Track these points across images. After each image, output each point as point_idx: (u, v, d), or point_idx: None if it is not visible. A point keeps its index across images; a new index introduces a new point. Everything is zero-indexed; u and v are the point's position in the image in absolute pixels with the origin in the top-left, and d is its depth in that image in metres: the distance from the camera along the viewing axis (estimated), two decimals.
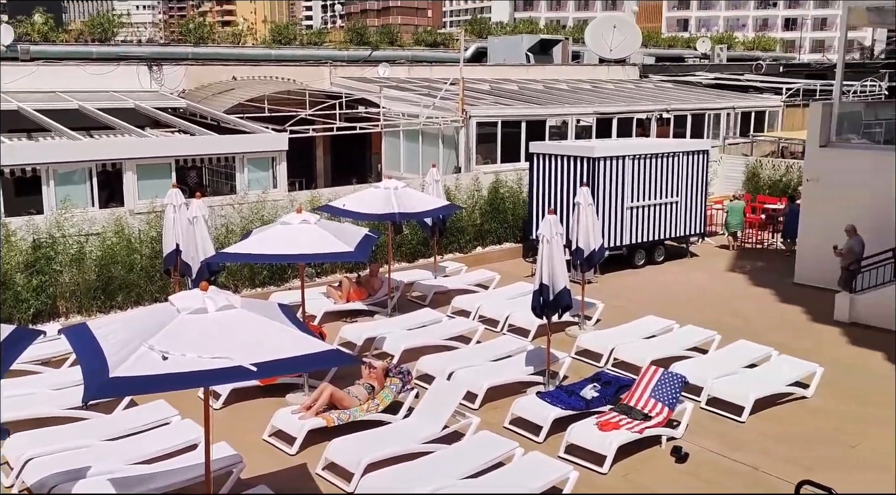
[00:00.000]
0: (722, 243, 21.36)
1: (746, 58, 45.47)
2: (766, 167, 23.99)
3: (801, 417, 10.84)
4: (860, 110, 18.47)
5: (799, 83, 33.02)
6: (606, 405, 10.57)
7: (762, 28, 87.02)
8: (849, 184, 16.30)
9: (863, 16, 17.88)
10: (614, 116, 24.92)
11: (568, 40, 37.15)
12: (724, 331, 13.41)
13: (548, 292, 11.20)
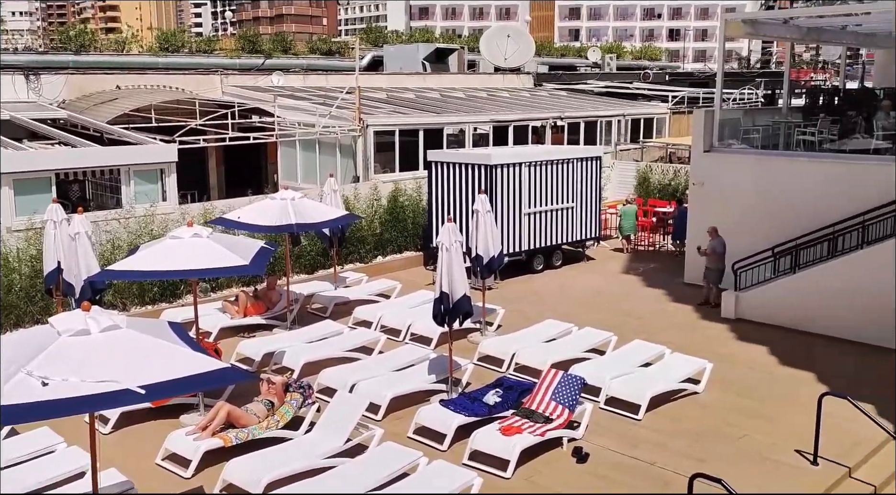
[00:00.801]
0: (616, 246, 22.01)
1: (634, 67, 47.23)
2: (656, 172, 24.90)
3: (692, 412, 11.24)
4: (739, 117, 19.41)
5: (684, 91, 34.56)
6: (509, 410, 10.66)
7: (648, 38, 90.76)
8: (731, 186, 17.11)
9: (739, 28, 18.83)
10: (510, 124, 25.33)
11: (464, 49, 37.62)
12: (620, 332, 13.79)
13: (448, 300, 11.22)
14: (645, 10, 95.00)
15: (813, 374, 12.52)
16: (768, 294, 15.26)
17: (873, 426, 9.96)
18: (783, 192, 16.20)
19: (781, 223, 15.65)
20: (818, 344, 14.02)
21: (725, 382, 12.13)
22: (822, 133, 17.99)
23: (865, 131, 17.30)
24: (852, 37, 22.42)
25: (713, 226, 16.32)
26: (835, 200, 15.05)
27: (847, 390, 10.58)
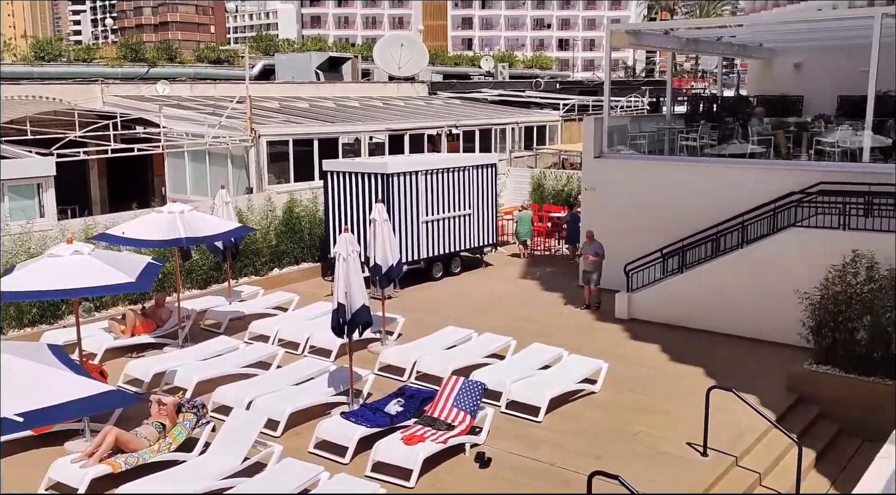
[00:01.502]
0: (514, 252, 22.35)
1: (527, 75, 48.31)
2: (550, 178, 25.48)
3: (590, 412, 11.51)
4: (627, 124, 20.10)
5: (574, 99, 35.55)
6: (411, 419, 10.61)
7: (539, 48, 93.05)
8: (621, 191, 17.68)
9: (623, 38, 19.52)
10: (406, 132, 25.37)
11: (357, 58, 37.46)
12: (519, 336, 13.98)
13: (346, 310, 11.08)
14: (535, 21, 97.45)
15: (701, 369, 13.05)
16: (658, 294, 15.83)
17: (757, 416, 10.46)
18: (670, 195, 16.87)
19: (669, 225, 16.27)
20: (706, 340, 14.63)
21: (620, 381, 12.48)
22: (703, 138, 18.86)
23: (742, 137, 18.23)
24: (727, 48, 23.66)
25: (590, 231, 16.77)
26: (717, 202, 15.78)
27: (732, 383, 11.10)
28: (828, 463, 10.88)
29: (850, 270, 12.33)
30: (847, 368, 12.02)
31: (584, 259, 16.68)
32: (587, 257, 16.58)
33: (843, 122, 18.63)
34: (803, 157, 17.17)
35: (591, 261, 16.46)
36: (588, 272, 16.61)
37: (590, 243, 16.54)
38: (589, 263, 16.53)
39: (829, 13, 21.75)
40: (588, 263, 16.56)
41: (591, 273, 16.53)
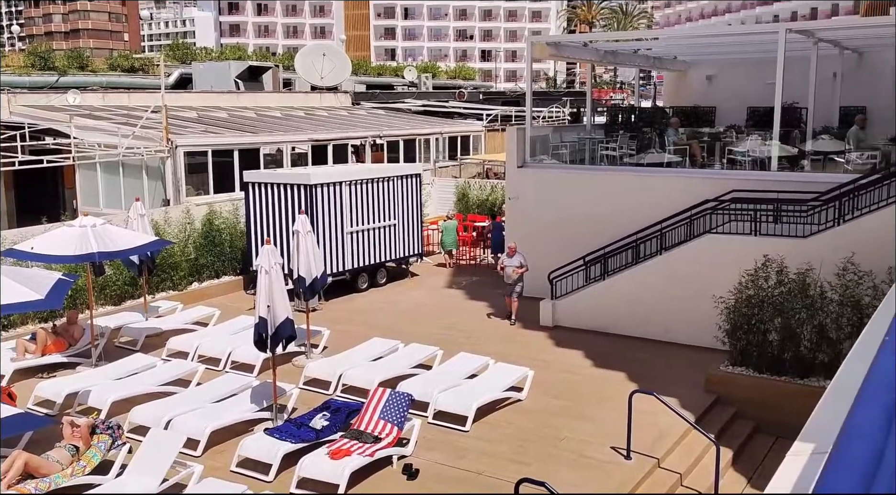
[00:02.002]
0: (439, 261, 22.38)
1: (450, 86, 48.65)
2: (474, 188, 25.64)
3: (517, 419, 11.58)
4: (548, 134, 20.43)
5: (497, 109, 35.92)
6: (337, 432, 10.47)
7: (462, 59, 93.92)
8: (545, 199, 17.93)
9: (544, 50, 19.86)
10: (329, 143, 25.13)
11: (278, 67, 36.97)
12: (446, 346, 13.98)
13: (269, 324, 10.86)
14: (458, 32, 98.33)
15: (624, 374, 13.30)
16: (581, 301, 16.09)
17: (677, 418, 10.72)
18: (591, 204, 17.20)
19: (592, 233, 16.57)
20: (628, 345, 14.93)
21: (546, 387, 12.61)
22: (622, 148, 19.33)
23: (659, 146, 18.76)
24: (643, 60, 24.36)
25: (512, 244, 16.59)
26: (636, 210, 16.17)
27: (654, 386, 11.34)
28: (744, 462, 11.24)
29: (761, 274, 12.80)
30: (760, 369, 12.46)
31: (507, 272, 16.43)
32: (512, 270, 16.30)
33: (753, 132, 19.39)
34: (717, 166, 17.78)
35: (515, 273, 16.28)
36: (511, 285, 16.39)
37: (511, 256, 16.37)
38: (511, 276, 16.34)
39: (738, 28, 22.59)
40: (510, 276, 16.36)
41: (514, 285, 16.38)
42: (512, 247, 16.53)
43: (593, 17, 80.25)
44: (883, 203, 13.39)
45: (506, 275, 16.36)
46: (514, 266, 16.27)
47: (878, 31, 20.30)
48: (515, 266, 16.26)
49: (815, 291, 12.38)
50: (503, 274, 16.45)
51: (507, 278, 16.36)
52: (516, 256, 16.32)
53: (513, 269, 16.23)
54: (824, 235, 13.60)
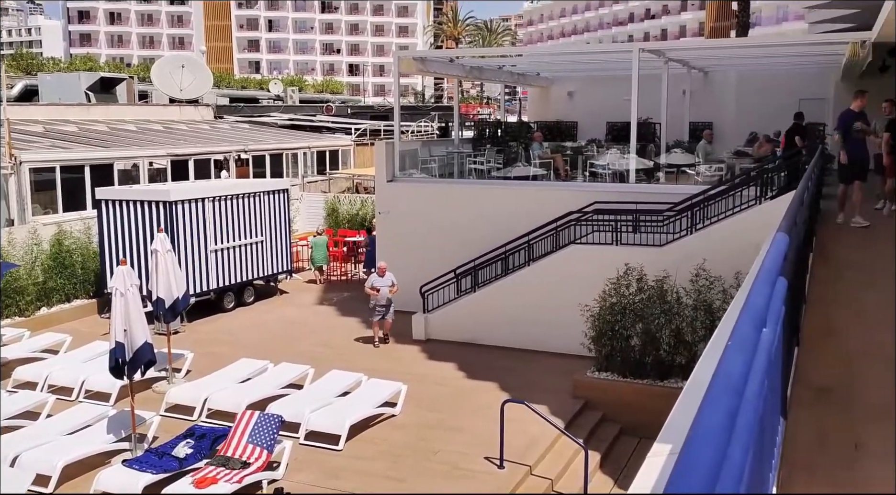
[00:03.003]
0: (310, 278, 21.96)
1: (317, 100, 48.09)
2: (344, 202, 25.39)
3: (391, 434, 11.45)
4: (417, 148, 20.53)
5: (365, 124, 35.80)
6: (203, 460, 9.97)
7: (329, 72, 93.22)
8: (415, 213, 17.96)
9: (411, 65, 19.99)
10: (190, 158, 24.17)
11: (133, 79, 35.29)
12: (317, 364, 13.67)
13: (126, 349, 10.24)
14: (325, 46, 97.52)
15: (496, 384, 13.45)
16: (453, 313, 16.18)
17: (547, 425, 10.93)
18: (461, 217, 17.38)
19: (462, 245, 16.72)
20: (499, 355, 15.12)
21: (420, 401, 12.56)
22: (490, 162, 19.70)
23: (525, 160, 19.25)
24: (508, 76, 25.01)
25: (382, 264, 15.92)
26: (505, 222, 16.46)
27: (524, 395, 11.53)
28: (611, 463, 11.59)
29: (623, 282, 13.32)
30: (624, 373, 12.93)
31: (381, 293, 15.46)
32: (387, 290, 15.50)
33: (612, 146, 20.29)
34: (579, 179, 18.44)
35: (391, 293, 15.62)
36: (384, 306, 15.60)
37: (383, 275, 15.66)
38: (385, 296, 15.55)
39: (596, 47, 23.67)
40: (385, 296, 15.55)
41: (388, 307, 15.71)
42: (383, 266, 15.83)
43: (459, 33, 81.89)
44: (729, 212, 14.28)
45: (380, 297, 15.48)
46: (387, 285, 15.56)
47: (720, 52, 21.81)
48: (388, 285, 15.58)
49: (672, 297, 13.00)
50: (375, 296, 15.51)
51: (381, 299, 15.49)
52: (388, 275, 15.69)
53: (388, 289, 15.57)
54: (678, 244, 14.33)
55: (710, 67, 23.40)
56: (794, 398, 4.24)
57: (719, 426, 1.23)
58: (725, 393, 1.34)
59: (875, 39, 14.29)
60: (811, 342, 5.39)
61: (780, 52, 20.40)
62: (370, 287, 15.66)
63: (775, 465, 3.06)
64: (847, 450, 3.66)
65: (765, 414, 2.03)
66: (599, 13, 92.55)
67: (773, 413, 2.88)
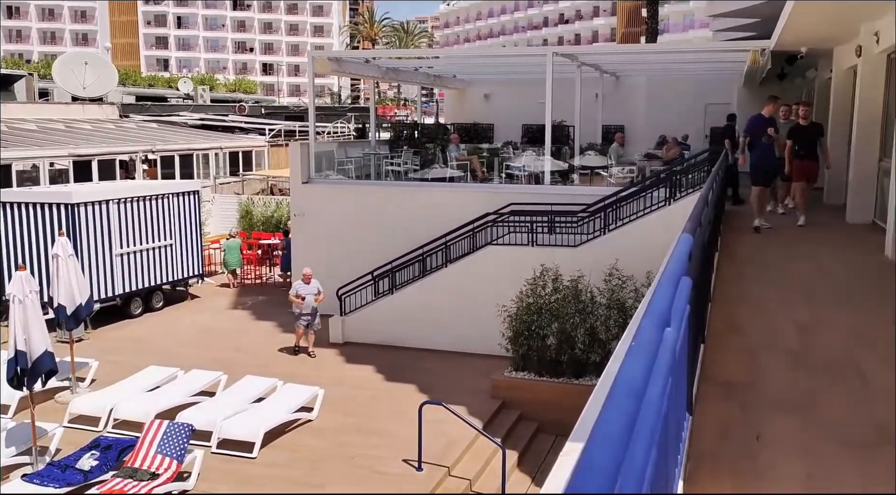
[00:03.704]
0: (223, 282, 21.42)
1: (230, 99, 47.01)
2: (258, 204, 24.87)
3: (308, 440, 11.27)
4: (333, 150, 20.30)
5: (280, 124, 35.22)
6: (109, 472, 9.60)
7: (242, 71, 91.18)
8: (332, 215, 17.75)
9: (326, 65, 19.73)
10: (94, 158, 23.23)
11: (33, 76, 33.67)
12: (231, 370, 13.33)
13: (25, 359, 9.73)
14: (237, 44, 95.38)
15: (415, 386, 13.42)
16: (370, 315, 16.07)
17: (466, 425, 10.97)
18: (379, 219, 17.28)
19: (380, 247, 16.62)
20: (418, 357, 15.08)
21: (337, 405, 12.40)
22: (407, 164, 19.67)
23: (442, 162, 19.30)
24: (425, 77, 25.04)
25: (308, 270, 15.21)
26: (422, 224, 16.45)
27: (443, 396, 11.54)
28: (528, 462, 11.71)
29: (539, 283, 13.50)
30: (541, 372, 13.11)
31: (307, 301, 14.81)
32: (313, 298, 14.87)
33: (528, 148, 20.56)
34: (496, 181, 18.61)
35: (317, 302, 14.97)
36: (306, 315, 14.93)
37: (308, 282, 15.04)
38: (311, 304, 14.89)
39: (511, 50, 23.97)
40: (310, 305, 14.88)
41: (313, 315, 15.03)
42: (308, 273, 15.11)
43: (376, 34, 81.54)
44: (641, 213, 14.67)
45: (304, 305, 14.81)
46: (312, 293, 14.91)
47: (631, 57, 22.42)
48: (314, 293, 14.95)
49: (587, 296, 13.26)
50: (299, 305, 14.84)
51: (305, 308, 14.82)
52: (313, 282, 15.03)
53: (314, 297, 14.92)
54: (592, 244, 14.64)
55: (621, 72, 24.02)
56: (701, 393, 4.37)
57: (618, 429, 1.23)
58: (625, 396, 1.35)
59: (774, 48, 14.95)
60: (716, 338, 5.57)
61: (687, 58, 21.13)
62: (294, 295, 14.97)
63: (681, 460, 3.13)
64: (749, 442, 3.78)
65: (669, 412, 2.07)
66: (515, 17, 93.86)
67: (679, 409, 2.94)
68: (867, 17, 11.04)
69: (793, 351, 5.37)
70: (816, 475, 3.43)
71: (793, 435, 3.89)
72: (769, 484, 3.36)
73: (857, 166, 11.99)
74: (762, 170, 11.36)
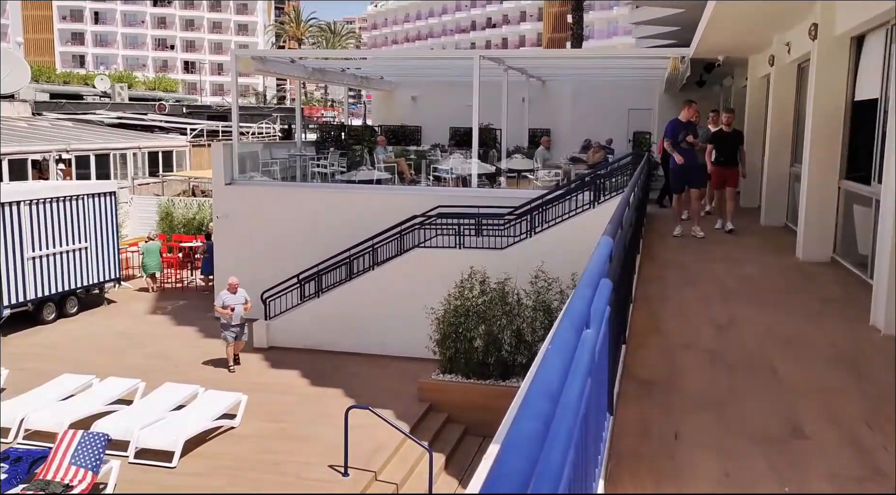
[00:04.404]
0: (141, 286, 20.76)
1: (149, 98, 45.61)
2: (180, 206, 24.20)
3: (230, 447, 11.00)
4: (258, 150, 19.92)
5: (202, 124, 34.40)
6: (19, 485, 9.16)
7: (163, 69, 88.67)
8: (257, 218, 17.39)
9: (250, 64, 19.35)
10: (4, 158, 22.20)
11: None
12: (150, 377, 12.91)
13: None
14: (157, 41, 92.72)
15: (341, 390, 13.27)
16: (296, 319, 15.82)
17: (393, 429, 10.90)
18: (305, 221, 17.03)
19: (306, 250, 16.38)
20: (345, 361, 14.94)
21: (261, 411, 12.15)
22: (334, 165, 19.46)
23: (370, 164, 19.17)
24: (352, 79, 24.86)
25: (234, 280, 14.44)
26: (350, 226, 16.28)
27: (370, 400, 11.45)
28: (455, 464, 11.72)
29: (466, 285, 13.53)
30: (468, 374, 13.13)
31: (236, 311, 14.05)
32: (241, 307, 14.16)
33: (456, 150, 20.63)
34: (423, 183, 18.60)
35: (245, 311, 14.33)
36: (235, 326, 14.16)
37: (235, 292, 14.22)
38: (239, 315, 14.12)
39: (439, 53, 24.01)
40: (235, 316, 14.07)
41: (240, 326, 14.31)
42: (234, 282, 14.31)
43: (302, 33, 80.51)
44: (566, 215, 14.89)
45: (233, 316, 14.03)
46: (240, 303, 14.20)
47: (556, 62, 22.77)
48: (242, 303, 14.24)
49: (513, 298, 13.36)
50: (227, 316, 14.06)
51: (234, 319, 14.02)
52: (240, 292, 14.32)
53: (242, 307, 14.22)
54: (519, 246, 14.77)
55: (547, 76, 24.36)
56: (622, 393, 4.43)
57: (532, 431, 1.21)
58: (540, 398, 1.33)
59: (693, 55, 15.40)
60: (638, 338, 5.67)
61: (611, 64, 21.59)
62: (221, 305, 14.19)
63: (601, 460, 3.15)
64: (668, 440, 3.85)
65: (589, 413, 2.06)
66: (443, 20, 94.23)
67: (600, 410, 2.96)
68: (779, 28, 11.48)
69: (711, 350, 5.51)
70: (732, 471, 3.51)
71: (710, 432, 3.98)
72: (687, 482, 3.42)
73: (771, 171, 12.44)
74: (680, 176, 11.23)
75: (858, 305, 6.63)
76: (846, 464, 3.60)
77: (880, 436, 3.89)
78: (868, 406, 4.37)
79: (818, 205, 9.19)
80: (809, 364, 5.21)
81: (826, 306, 7.00)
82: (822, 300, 7.25)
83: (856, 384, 4.79)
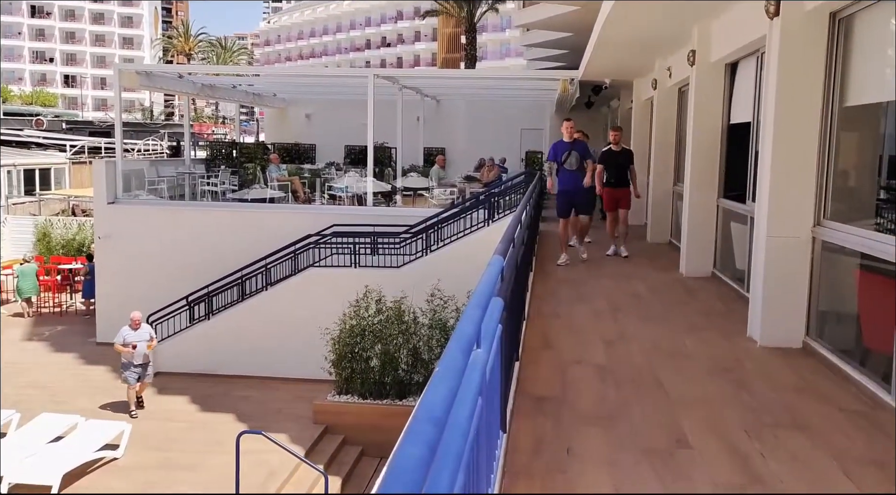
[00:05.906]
0: (16, 311, 19.55)
1: (25, 113, 43.27)
2: (58, 226, 22.98)
3: (112, 480, 10.45)
4: (144, 168, 19.16)
5: (83, 140, 32.89)
6: None
7: (41, 83, 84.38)
8: (142, 238, 16.68)
9: (134, 79, 18.64)
10: None
11: None
12: (25, 407, 12.11)
13: None
14: (35, 53, 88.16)
15: (233, 415, 12.83)
16: (185, 343, 15.24)
17: (287, 454, 10.62)
18: (194, 241, 16.47)
19: (196, 271, 15.82)
20: (237, 385, 14.46)
21: (146, 440, 11.60)
22: (224, 184, 18.95)
23: (263, 182, 18.78)
24: (244, 95, 24.37)
25: (136, 314, 13.20)
26: (242, 246, 15.87)
27: (264, 425, 11.14)
28: (352, 486, 11.52)
29: (362, 304, 13.40)
30: (364, 395, 12.98)
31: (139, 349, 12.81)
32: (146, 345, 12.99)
33: (351, 169, 20.52)
34: (318, 202, 18.37)
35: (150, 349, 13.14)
36: (138, 366, 12.87)
37: (137, 328, 13.01)
38: (139, 354, 12.84)
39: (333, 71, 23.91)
40: (138, 354, 12.81)
41: (143, 365, 13.00)
42: (137, 317, 13.08)
43: (191, 48, 78.37)
44: (461, 233, 15.02)
45: (136, 354, 12.79)
46: (144, 340, 12.98)
47: (450, 82, 23.06)
48: (146, 340, 13.06)
49: (409, 317, 13.32)
50: (129, 355, 12.76)
51: (137, 357, 12.80)
52: (144, 327, 13.22)
53: (146, 345, 13.02)
54: (415, 265, 14.79)
55: (441, 96, 24.63)
56: (516, 409, 4.46)
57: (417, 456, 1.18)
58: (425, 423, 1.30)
59: (581, 78, 15.92)
60: (531, 354, 5.75)
61: (504, 85, 22.06)
62: (122, 343, 12.80)
63: (494, 478, 3.15)
64: (560, 455, 3.90)
65: (480, 433, 2.05)
66: (337, 38, 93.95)
67: (492, 428, 2.96)
68: (661, 53, 12.03)
69: (601, 365, 5.65)
70: (620, 483, 3.59)
71: (600, 446, 4.05)
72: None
73: (655, 190, 12.97)
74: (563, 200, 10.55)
75: (736, 318, 6.97)
76: (727, 472, 3.74)
77: (758, 444, 4.07)
78: (747, 415, 4.57)
79: (699, 223, 9.62)
80: (692, 376, 5.42)
81: (707, 319, 7.32)
82: (703, 314, 7.58)
83: (735, 394, 5.01)
